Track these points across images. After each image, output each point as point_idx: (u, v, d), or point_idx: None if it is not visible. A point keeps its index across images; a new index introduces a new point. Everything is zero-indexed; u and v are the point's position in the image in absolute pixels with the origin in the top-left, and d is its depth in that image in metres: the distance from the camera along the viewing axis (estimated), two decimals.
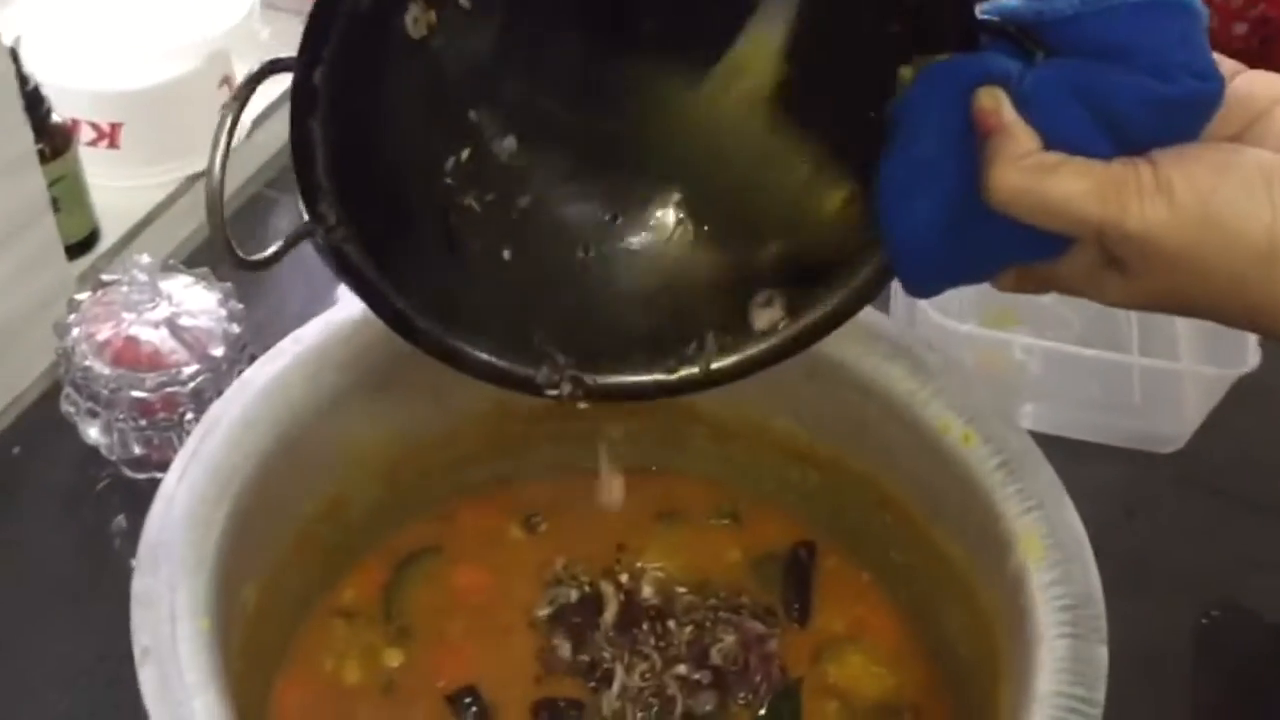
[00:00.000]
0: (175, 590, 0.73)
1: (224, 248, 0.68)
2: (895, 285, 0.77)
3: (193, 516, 0.76)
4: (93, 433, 1.10)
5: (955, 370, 0.87)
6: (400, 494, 0.95)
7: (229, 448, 0.79)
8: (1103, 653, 0.74)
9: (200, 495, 0.77)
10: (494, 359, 0.79)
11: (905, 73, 0.69)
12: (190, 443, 0.79)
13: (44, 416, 1.14)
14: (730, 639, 0.91)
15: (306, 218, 0.70)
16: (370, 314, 0.76)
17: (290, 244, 0.71)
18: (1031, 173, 0.64)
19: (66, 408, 1.11)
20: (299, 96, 0.66)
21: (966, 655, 0.87)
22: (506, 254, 0.78)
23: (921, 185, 0.69)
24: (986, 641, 0.83)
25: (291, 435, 0.83)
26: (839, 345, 0.88)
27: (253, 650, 0.83)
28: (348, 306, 0.87)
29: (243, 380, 0.83)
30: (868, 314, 0.87)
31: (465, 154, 0.74)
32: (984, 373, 1.14)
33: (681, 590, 0.94)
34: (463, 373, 0.79)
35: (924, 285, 0.76)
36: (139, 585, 0.73)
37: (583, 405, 0.82)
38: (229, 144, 0.66)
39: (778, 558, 0.97)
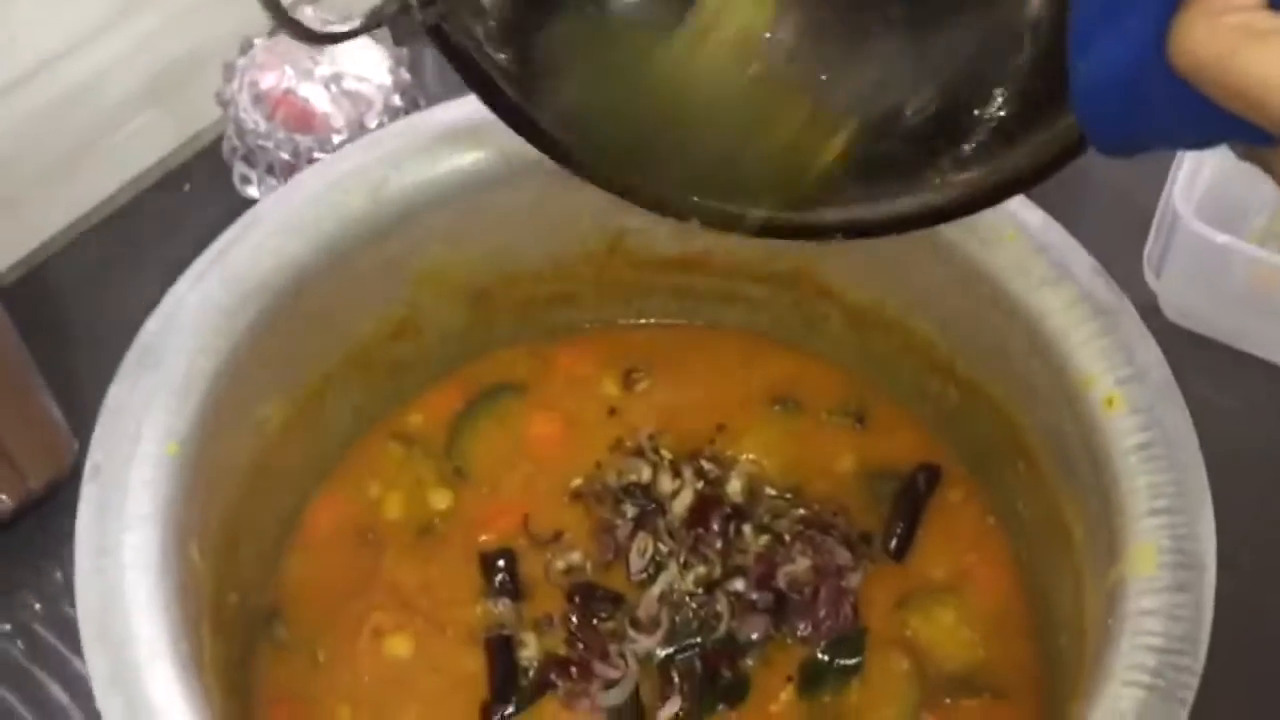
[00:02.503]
0: (150, 405, 0.67)
1: (278, 11, 0.57)
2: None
3: (198, 327, 0.69)
4: (248, 188, 1.06)
5: (1127, 316, 0.69)
6: (489, 322, 0.86)
7: (260, 254, 0.72)
8: (1181, 716, 0.58)
9: (215, 304, 0.70)
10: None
11: None
12: (218, 242, 0.72)
13: (218, 159, 1.09)
14: (805, 563, 0.79)
15: None
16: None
17: (375, 21, 0.61)
18: (1230, 35, 0.45)
19: (227, 155, 1.06)
20: None
21: (1067, 649, 0.72)
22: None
23: (1111, 15, 0.51)
24: (1079, 646, 0.68)
25: (341, 249, 0.75)
26: (993, 252, 0.72)
27: (276, 468, 0.77)
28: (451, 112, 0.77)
29: (297, 180, 0.75)
30: (1043, 226, 0.71)
31: None
32: (1256, 295, 0.94)
33: (772, 493, 0.82)
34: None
35: (1106, 139, 0.57)
36: (113, 392, 0.67)
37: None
38: None
39: (894, 476, 0.83)
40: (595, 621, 0.78)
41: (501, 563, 0.80)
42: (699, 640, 0.77)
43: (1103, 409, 0.67)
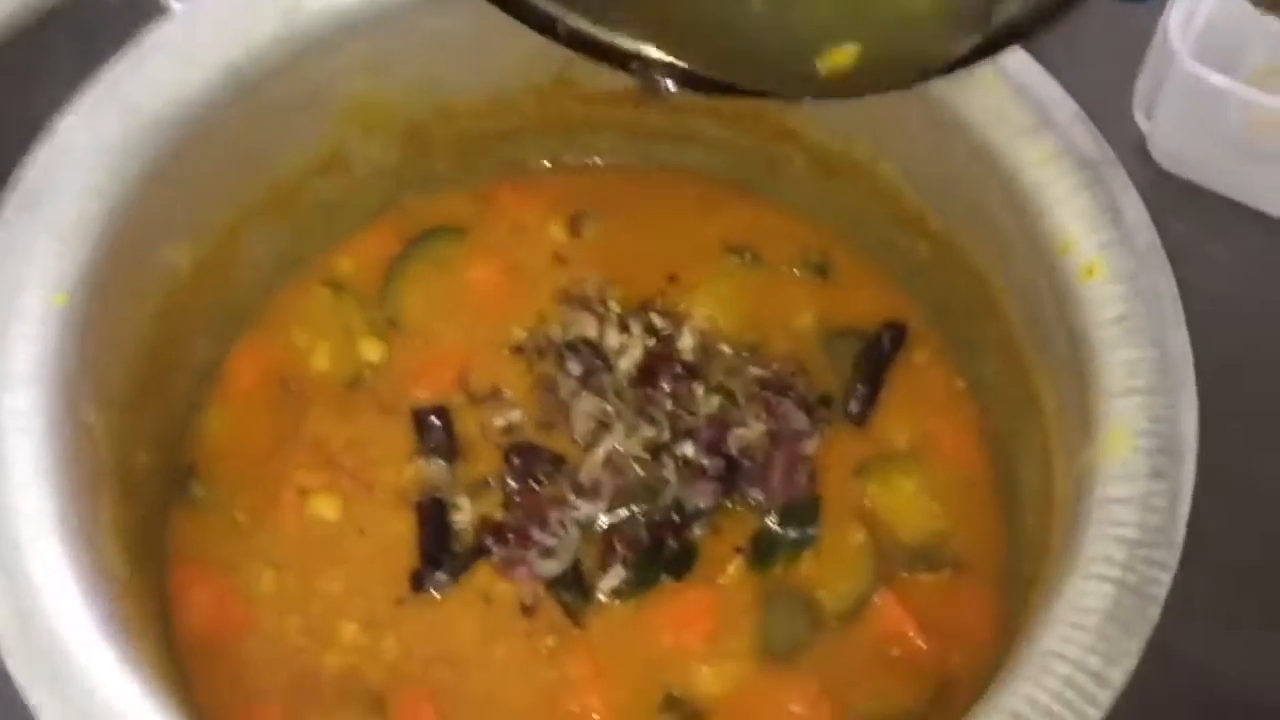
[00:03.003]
0: (33, 252, 0.60)
1: None
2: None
3: (88, 165, 0.63)
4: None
5: (1111, 171, 0.63)
6: (425, 160, 0.79)
7: (158, 86, 0.65)
8: (1152, 613, 0.54)
9: (107, 141, 0.64)
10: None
11: None
12: (109, 72, 0.65)
13: None
14: (759, 428, 0.73)
15: None
16: None
17: None
18: None
19: None
20: None
21: (1033, 528, 0.68)
22: None
23: None
24: (1044, 527, 0.64)
25: (252, 79, 0.68)
26: (969, 96, 0.66)
27: (189, 316, 0.72)
28: None
29: (198, 2, 0.67)
30: (1023, 68, 0.64)
31: None
32: (1251, 141, 0.88)
33: (726, 351, 0.77)
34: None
35: None
36: None
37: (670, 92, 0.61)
38: None
39: (858, 335, 0.77)
40: (535, 485, 0.73)
41: (436, 420, 0.75)
42: (644, 507, 0.72)
43: (1081, 277, 0.62)
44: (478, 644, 0.70)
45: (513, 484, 0.73)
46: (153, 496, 0.70)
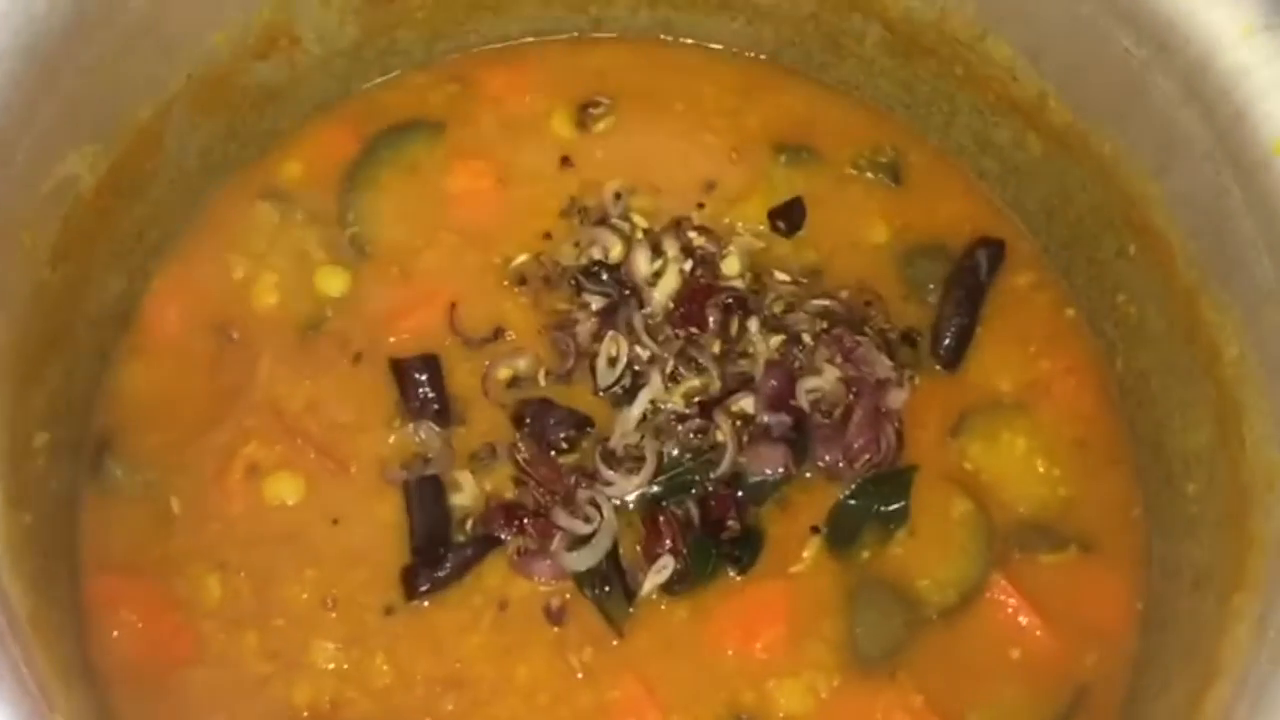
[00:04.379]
0: None
1: None
2: None
3: None
4: None
5: None
6: (390, 32, 0.62)
7: None
8: None
9: None
10: None
11: None
12: None
13: None
14: (833, 374, 0.58)
15: None
16: None
17: None
18: None
19: None
20: None
21: (1195, 499, 0.54)
22: None
23: None
24: (1215, 501, 0.50)
25: None
26: None
27: (91, 245, 0.54)
28: None
29: None
30: None
31: None
32: None
33: (783, 278, 0.61)
34: None
35: None
36: None
37: None
38: None
39: (943, 254, 0.63)
40: (554, 454, 0.58)
41: (422, 374, 0.58)
42: (694, 479, 0.57)
43: None
44: (493, 663, 0.54)
45: (525, 453, 0.57)
46: (59, 485, 0.52)
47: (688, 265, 0.61)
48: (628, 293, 0.60)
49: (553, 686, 0.55)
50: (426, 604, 0.56)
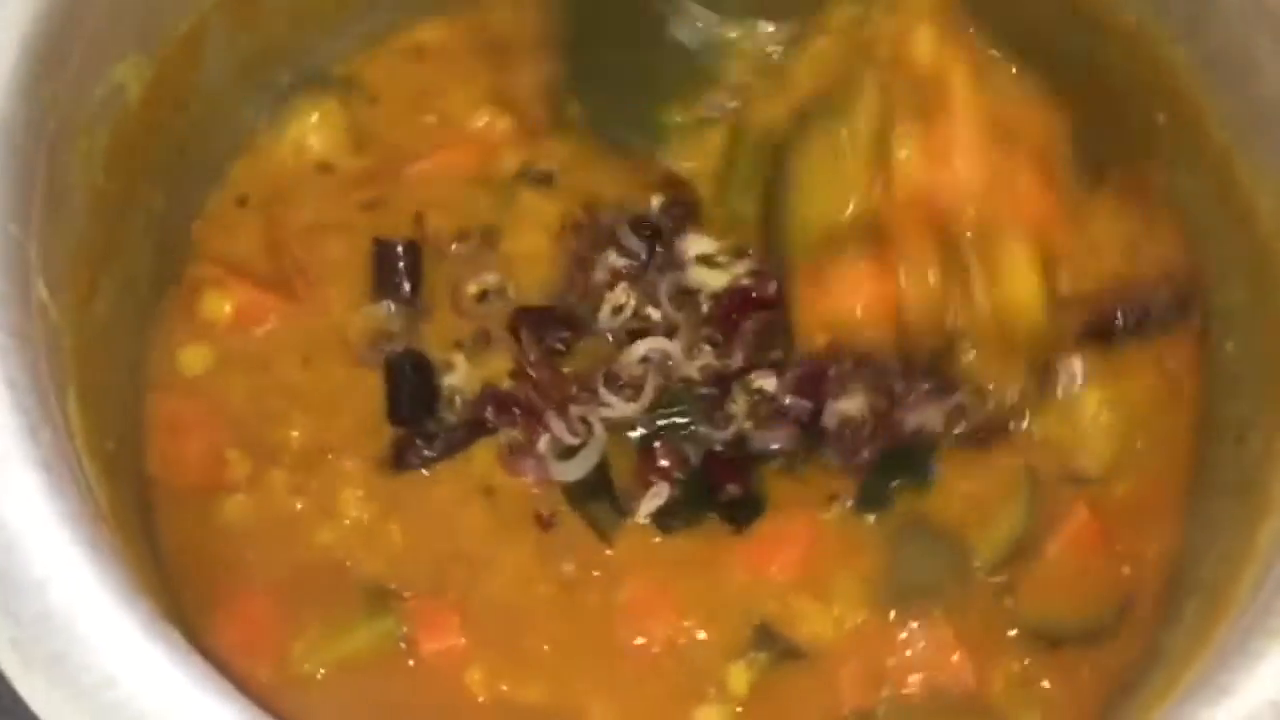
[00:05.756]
0: None
1: None
2: None
3: None
4: None
5: None
6: None
7: None
8: None
9: None
10: None
11: None
12: None
13: None
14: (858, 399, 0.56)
15: None
16: None
17: None
18: None
19: None
20: None
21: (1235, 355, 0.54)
22: None
23: None
24: None
25: None
26: None
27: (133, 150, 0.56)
28: None
29: None
30: None
31: None
32: None
33: None
34: None
35: None
36: None
37: None
38: None
39: None
40: (553, 354, 0.58)
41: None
42: (697, 430, 0.57)
43: None
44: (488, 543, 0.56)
45: (531, 354, 0.58)
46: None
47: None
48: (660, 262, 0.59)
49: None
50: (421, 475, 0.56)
